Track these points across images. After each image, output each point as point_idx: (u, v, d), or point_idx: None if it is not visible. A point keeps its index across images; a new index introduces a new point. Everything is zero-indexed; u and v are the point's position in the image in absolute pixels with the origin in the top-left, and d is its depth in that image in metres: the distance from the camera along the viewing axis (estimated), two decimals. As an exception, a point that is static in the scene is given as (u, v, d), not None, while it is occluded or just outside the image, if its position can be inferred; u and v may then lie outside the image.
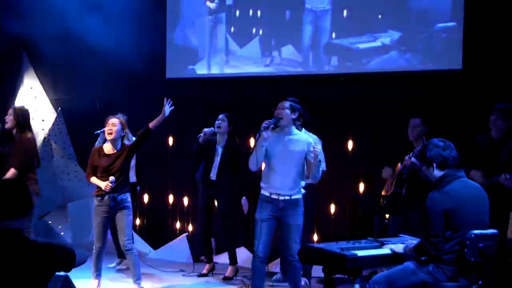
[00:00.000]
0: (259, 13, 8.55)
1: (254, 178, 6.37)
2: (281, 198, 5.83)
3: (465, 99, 7.29)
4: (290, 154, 5.82)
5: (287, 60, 8.37)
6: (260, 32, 8.54)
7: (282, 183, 5.82)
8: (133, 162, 7.33)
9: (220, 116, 7.44)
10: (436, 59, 7.55)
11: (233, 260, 7.59)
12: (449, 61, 7.40)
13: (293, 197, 5.81)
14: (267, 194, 5.90)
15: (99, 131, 7.18)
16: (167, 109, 6.42)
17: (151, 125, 6.38)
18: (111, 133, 6.46)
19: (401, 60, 7.67)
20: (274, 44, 8.45)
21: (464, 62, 7.30)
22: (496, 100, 6.56)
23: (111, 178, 6.34)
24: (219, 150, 7.45)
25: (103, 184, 6.34)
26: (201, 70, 8.97)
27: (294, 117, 5.87)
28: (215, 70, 8.89)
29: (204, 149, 7.46)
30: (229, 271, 7.56)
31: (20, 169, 6.85)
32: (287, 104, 5.84)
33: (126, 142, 6.76)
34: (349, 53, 7.98)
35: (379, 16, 7.77)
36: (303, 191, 5.92)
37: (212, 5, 8.83)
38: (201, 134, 7.40)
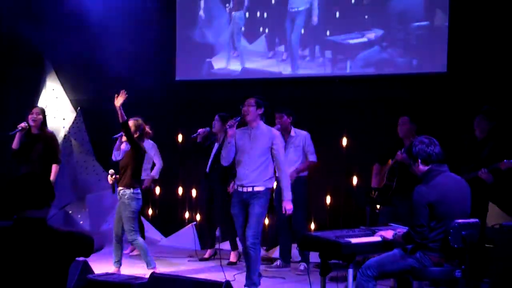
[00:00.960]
0: (265, 14, 8.62)
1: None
2: (244, 189, 5.85)
3: (450, 100, 7.32)
4: (254, 148, 5.84)
5: (289, 57, 8.41)
6: (266, 30, 8.60)
7: (246, 175, 5.84)
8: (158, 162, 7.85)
9: (215, 117, 7.50)
10: (422, 62, 7.59)
11: (234, 246, 7.61)
12: (435, 65, 7.44)
13: (255, 188, 5.82)
14: (235, 187, 5.97)
15: (117, 136, 7.24)
16: (117, 100, 6.26)
17: (120, 120, 6.30)
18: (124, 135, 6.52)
19: (384, 54, 7.77)
20: (277, 42, 8.50)
21: (449, 65, 7.32)
22: (479, 101, 6.58)
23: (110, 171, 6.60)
24: (216, 146, 7.53)
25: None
26: (216, 65, 8.94)
27: (260, 112, 5.92)
28: (226, 65, 8.90)
29: (203, 148, 7.56)
30: (232, 257, 7.58)
31: (59, 163, 7.14)
32: (252, 101, 5.91)
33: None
34: (341, 48, 8.07)
35: (366, 16, 7.90)
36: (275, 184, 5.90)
37: (227, 6, 8.85)
38: (195, 134, 7.47)
